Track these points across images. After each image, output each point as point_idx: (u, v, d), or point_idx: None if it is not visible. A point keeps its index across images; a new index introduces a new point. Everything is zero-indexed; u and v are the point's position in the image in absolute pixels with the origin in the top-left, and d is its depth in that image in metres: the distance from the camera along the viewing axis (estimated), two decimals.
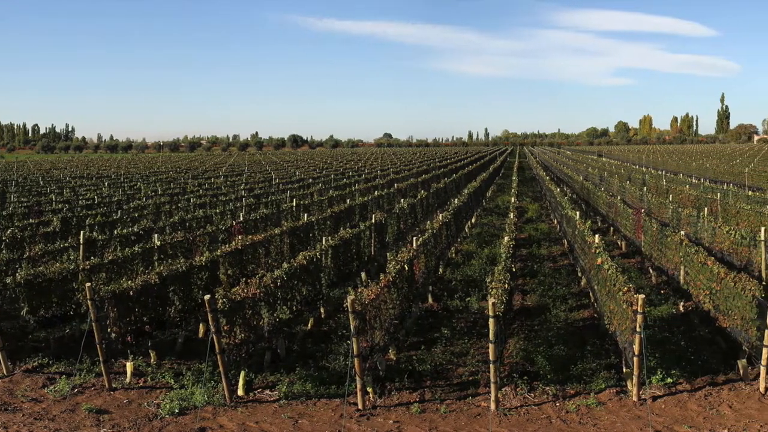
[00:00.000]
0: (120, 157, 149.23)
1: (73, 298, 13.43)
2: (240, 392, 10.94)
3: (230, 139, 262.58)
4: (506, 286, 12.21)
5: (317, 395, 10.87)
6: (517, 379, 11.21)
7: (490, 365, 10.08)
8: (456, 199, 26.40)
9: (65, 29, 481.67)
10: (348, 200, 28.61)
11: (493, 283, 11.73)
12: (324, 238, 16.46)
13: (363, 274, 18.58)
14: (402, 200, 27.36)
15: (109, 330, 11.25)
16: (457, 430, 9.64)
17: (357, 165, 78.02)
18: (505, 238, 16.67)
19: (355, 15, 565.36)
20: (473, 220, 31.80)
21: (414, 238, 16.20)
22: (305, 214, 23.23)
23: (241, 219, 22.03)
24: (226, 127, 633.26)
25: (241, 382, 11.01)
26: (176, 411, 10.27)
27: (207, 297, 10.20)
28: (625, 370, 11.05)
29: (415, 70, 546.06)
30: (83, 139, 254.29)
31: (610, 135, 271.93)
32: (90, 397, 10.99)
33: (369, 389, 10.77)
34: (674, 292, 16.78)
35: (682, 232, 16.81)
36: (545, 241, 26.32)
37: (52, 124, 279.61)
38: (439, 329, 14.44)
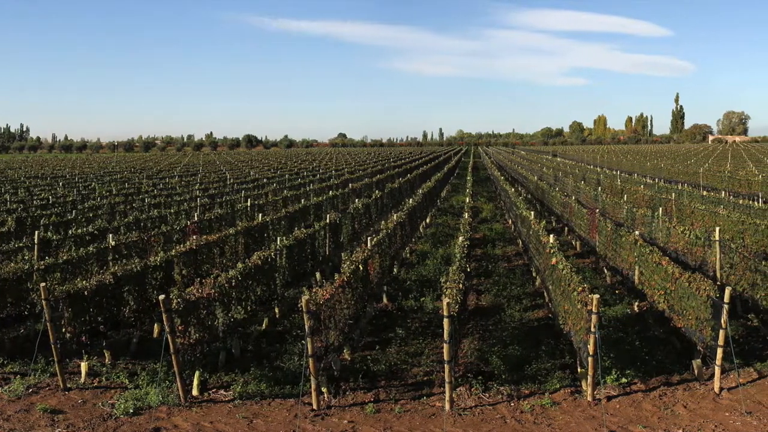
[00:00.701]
0: (75, 157, 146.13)
1: (27, 298, 13.32)
2: (195, 392, 10.89)
3: (185, 139, 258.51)
4: (461, 286, 12.28)
5: (272, 395, 10.86)
6: (471, 379, 11.27)
7: (445, 365, 10.14)
8: (411, 199, 26.47)
9: (19, 27, 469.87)
10: (303, 200, 28.58)
11: (448, 283, 11.77)
12: (279, 238, 16.42)
13: (318, 274, 18.56)
14: (357, 200, 27.41)
15: (63, 330, 11.16)
16: (411, 430, 9.70)
17: (312, 165, 77.82)
18: (460, 238, 16.75)
19: (311, 15, 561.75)
20: (428, 220, 31.98)
21: (369, 238, 16.24)
22: (260, 214, 23.12)
23: (196, 219, 21.86)
24: (181, 127, 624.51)
25: (195, 382, 10.95)
26: (131, 411, 10.23)
27: (162, 297, 10.18)
28: (579, 370, 11.11)
29: (370, 70, 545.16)
30: (38, 139, 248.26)
31: (564, 135, 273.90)
32: (45, 397, 10.90)
33: (324, 389, 10.79)
34: (629, 292, 16.78)
35: (637, 232, 16.92)
36: (500, 241, 26.57)
37: (7, 124, 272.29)
38: (394, 329, 14.50)
